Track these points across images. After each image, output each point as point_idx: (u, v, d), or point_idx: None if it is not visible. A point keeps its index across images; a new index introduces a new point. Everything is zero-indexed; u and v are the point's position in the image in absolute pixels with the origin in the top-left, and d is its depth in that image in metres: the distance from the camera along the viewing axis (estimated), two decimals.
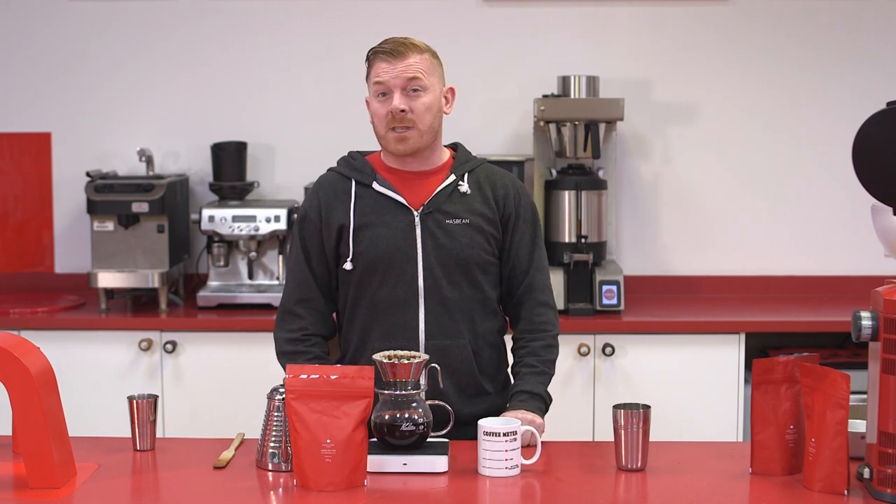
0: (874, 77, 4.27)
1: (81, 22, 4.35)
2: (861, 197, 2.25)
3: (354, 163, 2.64)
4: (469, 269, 2.55)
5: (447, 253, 2.54)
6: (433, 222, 2.55)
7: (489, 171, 2.65)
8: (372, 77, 2.56)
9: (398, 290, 2.55)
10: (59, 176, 4.39)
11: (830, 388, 2.10)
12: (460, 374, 2.55)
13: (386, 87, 2.52)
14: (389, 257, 2.55)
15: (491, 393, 2.61)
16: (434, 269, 2.54)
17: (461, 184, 2.59)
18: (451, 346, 2.55)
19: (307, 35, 4.34)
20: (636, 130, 4.31)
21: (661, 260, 4.35)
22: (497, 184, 2.62)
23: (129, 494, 2.20)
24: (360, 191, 2.59)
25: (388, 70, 2.52)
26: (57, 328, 3.87)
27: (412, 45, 2.54)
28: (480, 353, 2.59)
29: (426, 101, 2.53)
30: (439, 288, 2.54)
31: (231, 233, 4.01)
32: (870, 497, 2.09)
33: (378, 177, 2.59)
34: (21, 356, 2.14)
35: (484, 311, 2.60)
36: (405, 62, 2.51)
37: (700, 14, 4.29)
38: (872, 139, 2.17)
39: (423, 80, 2.52)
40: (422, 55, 2.54)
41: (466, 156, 2.66)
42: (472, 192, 2.59)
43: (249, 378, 3.74)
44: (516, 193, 2.63)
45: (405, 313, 2.55)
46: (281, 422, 2.29)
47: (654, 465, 2.30)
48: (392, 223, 2.56)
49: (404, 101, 2.51)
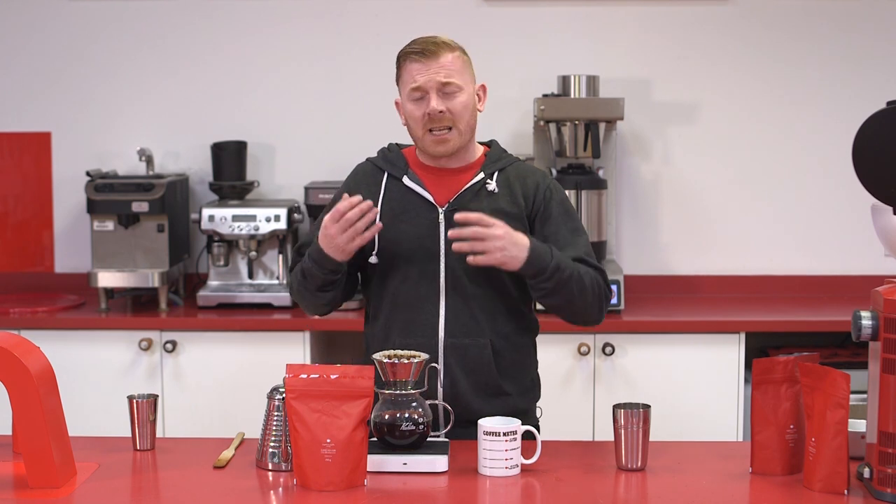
0: (874, 77, 4.27)
1: (81, 22, 4.35)
2: (861, 197, 2.25)
3: (390, 155, 2.64)
4: (493, 270, 2.49)
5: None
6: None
7: (520, 168, 2.62)
8: (405, 79, 2.54)
9: (420, 286, 2.54)
10: (59, 176, 4.39)
11: (830, 388, 2.10)
12: (479, 374, 2.53)
13: (422, 90, 2.50)
14: (412, 253, 2.54)
15: (511, 394, 2.57)
16: (456, 268, 2.52)
17: (489, 182, 2.57)
18: (470, 344, 2.53)
19: (307, 35, 4.34)
20: (636, 130, 4.31)
21: (661, 260, 4.35)
22: (527, 181, 2.59)
23: (129, 494, 2.21)
24: (391, 184, 2.59)
25: (422, 71, 2.50)
26: (57, 328, 3.87)
27: (443, 43, 2.52)
28: (502, 354, 2.56)
29: (463, 101, 2.52)
30: (461, 286, 2.53)
31: (231, 232, 4.01)
32: (870, 497, 2.09)
33: (410, 171, 2.59)
34: (21, 356, 2.14)
35: (508, 310, 2.57)
36: (438, 62, 2.50)
37: (700, 14, 4.29)
38: (872, 139, 2.17)
39: (458, 81, 2.51)
40: (453, 53, 2.52)
41: (499, 154, 2.64)
42: (501, 191, 2.56)
43: (249, 378, 3.74)
44: (547, 189, 2.59)
45: (426, 310, 2.53)
46: (281, 421, 2.29)
47: (654, 465, 2.30)
48: (416, 219, 2.55)
49: (441, 102, 2.50)
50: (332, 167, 4.23)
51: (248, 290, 4.06)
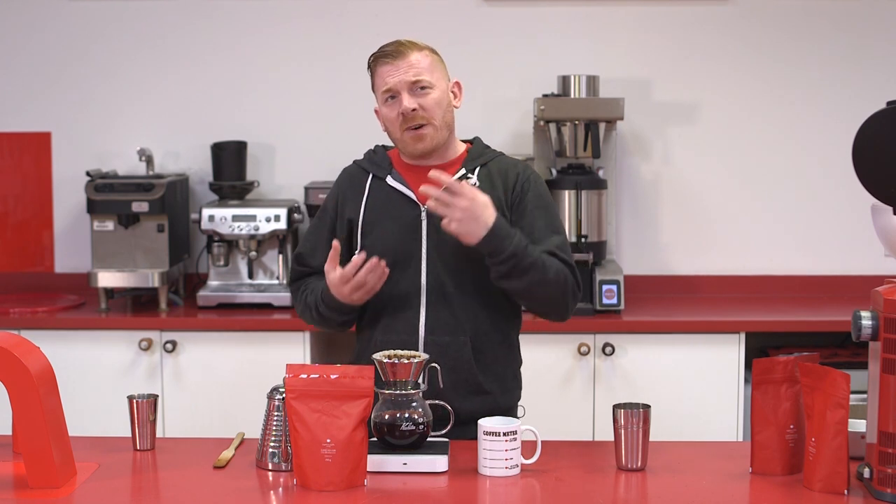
0: (874, 77, 4.27)
1: (81, 22, 4.35)
2: (861, 197, 2.25)
3: (375, 157, 2.67)
4: (473, 264, 2.53)
5: (451, 248, 2.53)
6: (439, 217, 2.55)
7: (502, 162, 2.64)
8: (377, 83, 2.58)
9: (401, 285, 2.56)
10: (59, 176, 4.39)
11: (830, 388, 2.10)
12: (458, 371, 2.54)
13: (393, 90, 2.54)
14: (394, 252, 2.55)
15: (492, 392, 2.59)
16: (437, 265, 2.55)
17: (470, 177, 2.59)
18: (450, 342, 2.54)
19: (307, 35, 4.34)
20: (636, 130, 4.31)
21: (661, 260, 4.35)
22: (508, 173, 2.61)
23: (129, 494, 2.20)
24: (375, 184, 2.62)
25: (392, 72, 2.54)
26: (57, 328, 3.87)
27: (411, 43, 2.56)
28: (483, 351, 2.57)
29: (435, 97, 2.54)
30: (441, 284, 2.55)
31: (231, 232, 4.01)
32: (870, 497, 2.09)
33: (393, 171, 2.62)
34: (21, 356, 2.14)
35: (490, 308, 2.58)
36: (407, 61, 2.53)
37: (700, 14, 4.29)
38: (872, 139, 2.17)
39: (428, 78, 2.54)
40: (421, 52, 2.56)
41: (481, 150, 2.66)
42: (482, 185, 2.57)
43: (249, 378, 3.74)
44: (526, 180, 2.60)
45: (407, 308, 2.55)
46: (281, 421, 2.29)
47: (654, 465, 2.30)
48: (399, 218, 2.57)
49: (413, 100, 2.52)
50: (332, 167, 4.18)
51: (248, 290, 4.06)
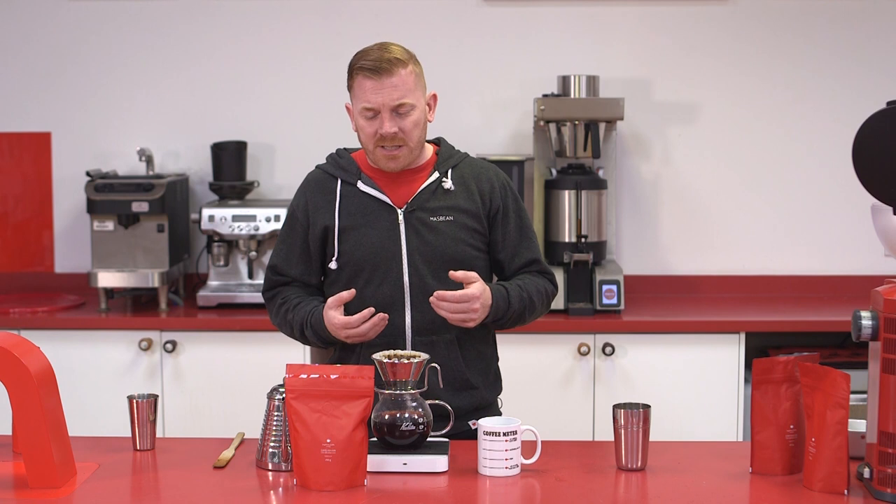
0: (874, 77, 4.26)
1: (81, 22, 4.35)
2: (861, 197, 2.26)
3: (341, 161, 2.66)
4: (455, 265, 2.55)
5: (432, 250, 2.57)
6: (417, 220, 2.56)
7: (473, 165, 2.67)
8: (357, 93, 2.54)
9: (384, 288, 2.57)
10: (59, 176, 4.39)
11: (830, 388, 2.10)
12: (447, 368, 2.56)
13: (374, 110, 2.51)
14: (375, 256, 2.57)
15: (478, 387, 2.62)
16: (419, 267, 2.57)
17: (445, 180, 2.61)
18: (437, 341, 2.57)
19: (307, 35, 4.34)
20: (636, 130, 4.31)
21: (661, 260, 4.35)
22: (482, 178, 2.64)
23: (129, 494, 2.20)
24: (346, 190, 2.61)
25: (376, 89, 2.49)
26: (57, 328, 3.87)
27: (396, 59, 2.50)
28: (468, 348, 2.61)
29: (415, 119, 2.53)
30: (425, 285, 2.56)
31: (231, 232, 4.01)
32: (870, 497, 2.09)
33: (363, 175, 2.62)
34: (21, 356, 2.14)
35: None
36: (391, 81, 2.49)
37: (700, 14, 4.29)
38: (872, 139, 2.17)
39: (411, 100, 2.52)
40: (406, 69, 2.51)
41: (449, 151, 2.67)
42: (457, 189, 2.61)
43: (249, 378, 3.74)
44: (501, 186, 2.66)
45: (392, 310, 2.56)
46: (281, 421, 2.29)
47: (654, 465, 2.30)
48: (376, 223, 2.58)
49: (394, 123, 2.51)
50: None
51: (247, 290, 4.06)
